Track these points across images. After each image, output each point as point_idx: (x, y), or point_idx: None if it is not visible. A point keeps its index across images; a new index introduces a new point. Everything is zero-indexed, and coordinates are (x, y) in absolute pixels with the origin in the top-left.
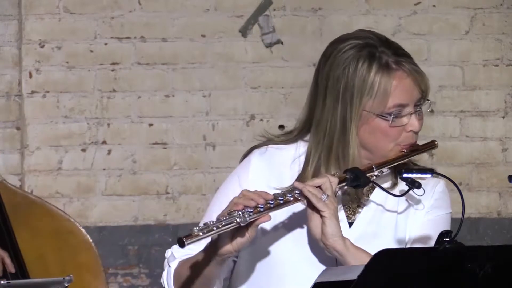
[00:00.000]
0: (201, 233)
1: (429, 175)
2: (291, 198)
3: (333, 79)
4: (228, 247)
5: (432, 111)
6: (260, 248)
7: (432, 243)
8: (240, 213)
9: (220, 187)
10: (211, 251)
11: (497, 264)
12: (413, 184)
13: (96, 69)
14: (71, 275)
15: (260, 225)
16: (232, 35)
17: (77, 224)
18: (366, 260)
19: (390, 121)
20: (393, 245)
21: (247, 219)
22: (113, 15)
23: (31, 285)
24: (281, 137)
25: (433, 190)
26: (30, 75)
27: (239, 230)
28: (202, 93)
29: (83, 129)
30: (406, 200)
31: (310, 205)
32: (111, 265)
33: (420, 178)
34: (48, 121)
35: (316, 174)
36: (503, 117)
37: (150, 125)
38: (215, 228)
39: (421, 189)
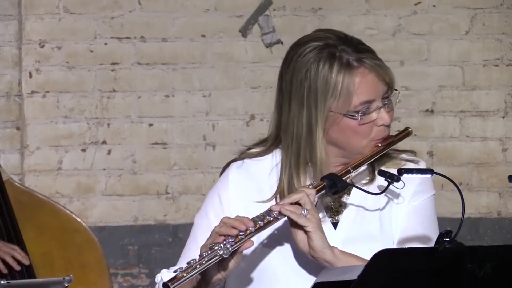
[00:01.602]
0: (185, 274)
1: (429, 175)
2: (271, 219)
3: (296, 84)
4: (217, 276)
5: (399, 101)
6: (249, 263)
7: (420, 230)
8: (222, 245)
9: (202, 205)
10: (201, 280)
11: (497, 264)
12: (392, 178)
13: (96, 69)
14: (71, 275)
15: None
16: (232, 35)
17: (83, 223)
18: (357, 264)
19: (359, 119)
20: (381, 241)
21: (230, 249)
22: (113, 15)
23: (31, 285)
24: (257, 149)
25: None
26: (30, 75)
27: (225, 260)
28: (202, 93)
29: (83, 129)
30: (386, 195)
31: (292, 222)
32: (111, 265)
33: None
34: (48, 121)
35: (290, 182)
36: (503, 117)
37: (150, 125)
38: (198, 266)
39: (401, 182)
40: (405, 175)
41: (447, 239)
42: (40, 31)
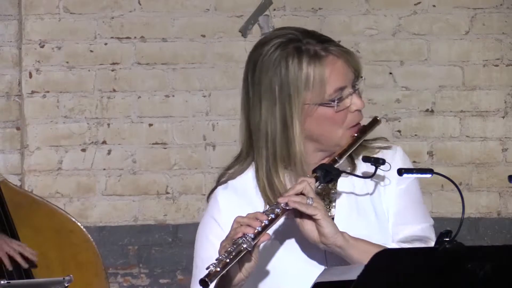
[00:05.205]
0: (218, 268)
1: (429, 175)
2: (280, 211)
3: (266, 83)
4: (240, 276)
5: (364, 91)
6: (259, 261)
7: (412, 211)
8: (244, 238)
9: (197, 234)
10: (223, 285)
11: (497, 264)
12: (378, 162)
13: (96, 69)
14: (71, 275)
15: None
16: (232, 35)
17: (78, 223)
18: (366, 247)
19: (335, 107)
20: (378, 227)
21: (252, 242)
22: (113, 15)
23: (31, 285)
24: (235, 167)
25: (393, 160)
26: (30, 75)
27: (245, 256)
28: (202, 93)
29: (83, 129)
30: (372, 179)
31: (298, 213)
32: (111, 265)
33: (420, 176)
34: (48, 121)
35: (270, 182)
36: (503, 117)
37: (150, 125)
38: (228, 260)
39: (387, 164)
40: (388, 160)
41: (447, 239)
42: (40, 31)
